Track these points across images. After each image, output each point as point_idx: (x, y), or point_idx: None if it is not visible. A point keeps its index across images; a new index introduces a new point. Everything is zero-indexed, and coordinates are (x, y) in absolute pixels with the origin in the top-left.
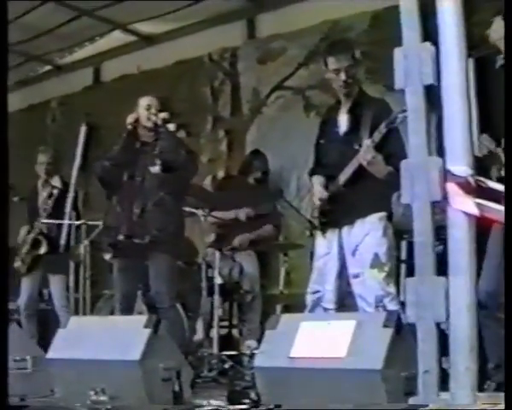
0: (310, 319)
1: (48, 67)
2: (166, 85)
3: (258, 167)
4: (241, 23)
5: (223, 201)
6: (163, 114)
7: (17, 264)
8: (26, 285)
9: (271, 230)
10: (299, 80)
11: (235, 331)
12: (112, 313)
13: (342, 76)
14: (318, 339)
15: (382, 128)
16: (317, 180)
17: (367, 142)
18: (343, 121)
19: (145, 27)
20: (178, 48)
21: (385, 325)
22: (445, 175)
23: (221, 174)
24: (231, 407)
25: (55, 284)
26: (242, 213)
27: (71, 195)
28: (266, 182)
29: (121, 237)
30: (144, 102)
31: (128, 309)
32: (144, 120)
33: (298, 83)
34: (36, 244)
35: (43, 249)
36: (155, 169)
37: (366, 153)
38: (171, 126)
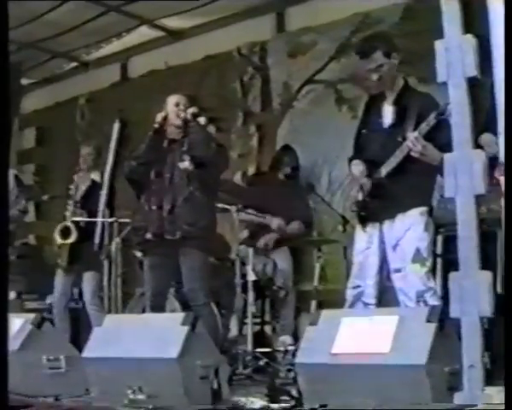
0: (351, 314)
1: (74, 64)
2: (195, 81)
3: (288, 163)
4: (270, 16)
5: (254, 197)
6: (192, 109)
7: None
8: (60, 282)
9: (299, 227)
10: (331, 74)
11: (267, 328)
12: (144, 311)
13: (374, 76)
14: (360, 335)
15: (431, 119)
16: (357, 169)
17: (415, 133)
18: (388, 113)
19: (172, 22)
20: (207, 43)
21: (428, 320)
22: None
23: (252, 170)
24: (274, 405)
25: (87, 281)
26: (275, 222)
27: (104, 192)
28: (296, 178)
29: (149, 236)
30: (173, 99)
31: (159, 307)
32: (173, 117)
33: (329, 76)
34: (65, 232)
35: (72, 237)
36: (184, 164)
37: (416, 143)
38: (202, 120)
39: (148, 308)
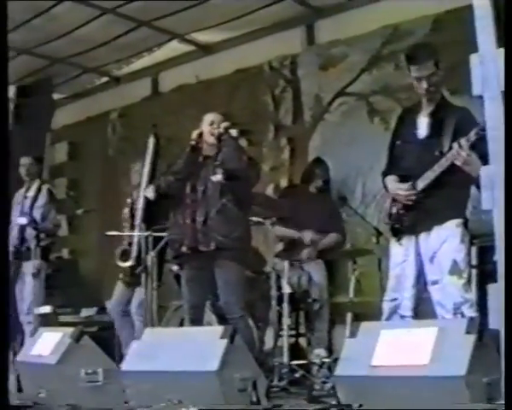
0: (390, 326)
1: (105, 79)
2: (225, 95)
3: (319, 176)
4: (300, 29)
5: (286, 210)
6: (225, 123)
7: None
8: (118, 292)
9: (336, 237)
10: (362, 86)
11: (302, 340)
12: (181, 324)
13: (424, 84)
14: (400, 347)
15: (472, 136)
16: (392, 182)
17: (462, 140)
18: (423, 124)
19: (203, 37)
20: (237, 56)
21: (467, 332)
22: None
23: (283, 183)
24: None
25: (137, 292)
26: (307, 237)
27: (140, 207)
28: (328, 190)
29: (184, 249)
30: (208, 118)
31: (197, 320)
32: (207, 135)
33: (361, 88)
34: (124, 256)
35: (129, 262)
36: (217, 177)
37: (461, 151)
38: (234, 132)
39: (186, 321)
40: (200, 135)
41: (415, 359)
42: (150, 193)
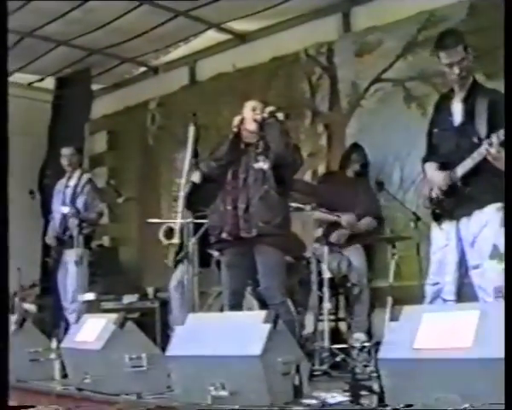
0: (432, 309)
1: (143, 69)
2: (262, 82)
3: (357, 161)
4: (335, 17)
5: (325, 195)
6: (271, 108)
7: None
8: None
9: (370, 222)
10: (398, 72)
11: (342, 325)
12: (221, 309)
13: (456, 70)
14: (442, 329)
15: (501, 134)
16: (432, 169)
17: (493, 138)
18: (457, 111)
19: (239, 25)
20: (273, 44)
21: None
22: None
23: (321, 169)
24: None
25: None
26: (344, 220)
27: (182, 194)
28: (366, 175)
29: (225, 235)
30: (250, 104)
31: (237, 305)
32: (249, 121)
33: (397, 75)
34: (169, 234)
35: (174, 239)
36: (259, 165)
37: (492, 148)
38: (280, 115)
39: (226, 307)
40: (241, 122)
41: (457, 341)
42: (196, 177)
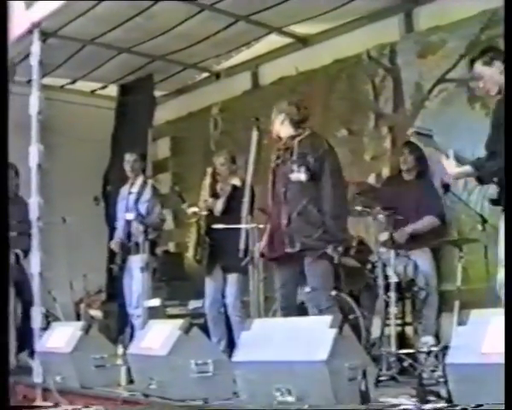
0: (500, 313)
1: (206, 74)
2: (325, 85)
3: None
4: (397, 18)
5: (389, 198)
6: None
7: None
8: (210, 287)
9: (433, 221)
10: (462, 72)
11: (408, 329)
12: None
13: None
14: None
15: None
16: None
17: None
18: None
19: (301, 28)
20: (335, 47)
21: None
22: None
23: (385, 172)
24: (425, 406)
25: (231, 284)
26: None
27: (246, 199)
28: (428, 177)
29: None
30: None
31: (289, 311)
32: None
33: (460, 75)
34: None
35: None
36: (296, 176)
37: None
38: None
39: (278, 313)
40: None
41: None
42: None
